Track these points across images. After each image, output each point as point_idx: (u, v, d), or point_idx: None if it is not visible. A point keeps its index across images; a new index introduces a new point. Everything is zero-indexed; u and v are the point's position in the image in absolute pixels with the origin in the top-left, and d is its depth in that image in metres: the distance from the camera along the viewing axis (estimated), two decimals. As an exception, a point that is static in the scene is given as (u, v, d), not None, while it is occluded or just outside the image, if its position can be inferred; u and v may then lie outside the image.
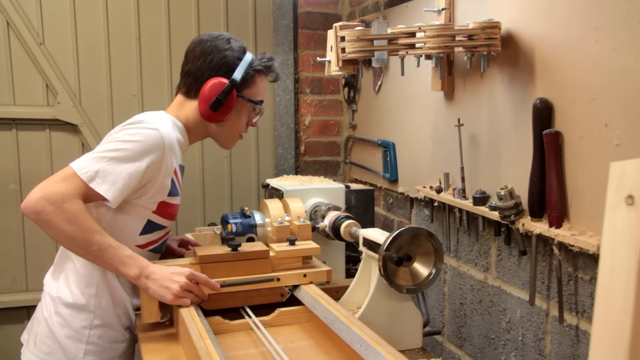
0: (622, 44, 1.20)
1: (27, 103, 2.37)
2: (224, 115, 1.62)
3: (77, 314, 1.52)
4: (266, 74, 1.69)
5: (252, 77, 1.64)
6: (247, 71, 1.62)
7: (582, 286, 1.37)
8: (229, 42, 1.63)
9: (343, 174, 2.87)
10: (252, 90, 1.66)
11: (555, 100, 1.40)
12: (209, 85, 1.58)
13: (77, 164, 1.40)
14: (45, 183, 1.37)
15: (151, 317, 1.51)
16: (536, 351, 1.54)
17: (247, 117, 1.69)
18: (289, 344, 1.45)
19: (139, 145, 1.45)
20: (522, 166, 1.50)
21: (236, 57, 1.62)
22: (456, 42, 1.51)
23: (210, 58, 1.61)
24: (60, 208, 1.34)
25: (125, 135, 1.46)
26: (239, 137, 1.74)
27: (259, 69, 1.65)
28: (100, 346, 1.54)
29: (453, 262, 1.92)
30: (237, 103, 1.63)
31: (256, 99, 1.67)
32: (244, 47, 1.66)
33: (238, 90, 1.61)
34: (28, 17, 2.33)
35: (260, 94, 1.69)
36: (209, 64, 1.61)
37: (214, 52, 1.61)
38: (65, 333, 1.51)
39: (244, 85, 1.63)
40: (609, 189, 0.67)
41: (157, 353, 1.42)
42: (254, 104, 1.67)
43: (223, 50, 1.61)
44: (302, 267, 1.64)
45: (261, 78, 1.68)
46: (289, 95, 2.77)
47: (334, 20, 2.24)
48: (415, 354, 1.51)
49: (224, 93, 1.58)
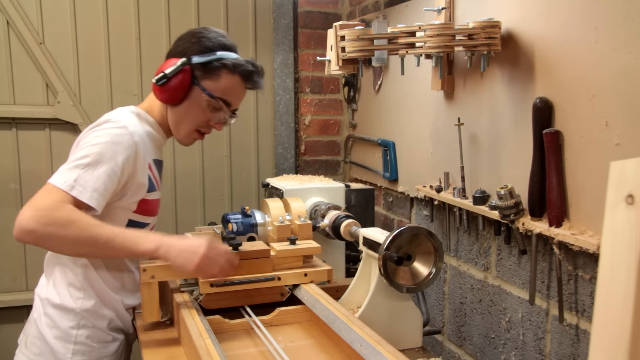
0: (622, 44, 1.20)
1: (27, 102, 2.37)
2: (173, 97, 1.53)
3: (65, 315, 1.51)
4: (239, 76, 1.57)
5: (217, 70, 1.54)
6: (212, 61, 1.53)
7: (582, 285, 1.37)
8: (210, 34, 1.57)
9: (343, 173, 2.87)
10: (213, 83, 1.54)
11: (555, 99, 1.40)
12: (165, 63, 1.54)
13: (55, 178, 1.38)
14: (29, 204, 1.34)
15: (151, 317, 1.51)
16: (536, 350, 1.55)
17: (205, 112, 1.57)
18: (289, 343, 1.45)
19: (110, 145, 1.42)
20: (522, 165, 1.50)
21: (207, 47, 1.54)
22: (456, 41, 1.51)
23: (182, 42, 1.57)
24: (52, 218, 1.31)
25: (94, 139, 1.43)
26: (196, 134, 1.62)
27: (227, 63, 1.54)
28: (89, 346, 1.53)
29: (453, 262, 1.92)
30: (194, 91, 1.54)
31: (216, 95, 1.55)
32: (228, 45, 1.58)
33: (194, 76, 1.53)
34: (28, 16, 2.33)
35: (223, 92, 1.56)
36: (178, 47, 1.57)
37: (188, 38, 1.57)
38: (54, 334, 1.51)
39: (205, 75, 1.54)
40: (609, 188, 0.67)
41: (157, 353, 1.42)
42: (210, 98, 1.55)
43: (199, 38, 1.55)
44: (303, 267, 1.64)
45: (230, 77, 1.55)
46: (289, 95, 2.77)
47: (334, 20, 2.24)
48: (415, 354, 1.52)
49: (172, 70, 1.51)
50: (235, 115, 1.65)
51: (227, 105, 1.59)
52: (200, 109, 1.57)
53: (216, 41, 1.56)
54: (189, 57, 1.53)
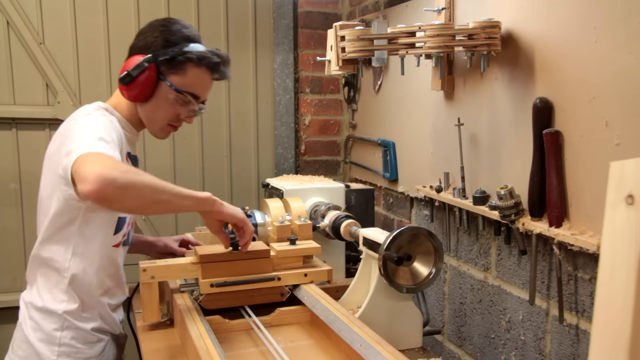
0: (622, 44, 1.20)
1: (27, 102, 2.37)
2: (140, 95, 1.52)
3: (48, 318, 1.50)
4: (206, 68, 1.54)
5: (183, 65, 1.51)
6: (177, 55, 1.50)
7: (582, 285, 1.37)
8: (173, 27, 1.54)
9: (343, 173, 2.87)
10: (180, 78, 1.52)
11: (555, 99, 1.40)
12: (128, 60, 1.52)
13: (85, 148, 1.26)
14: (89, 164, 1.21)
15: (151, 317, 1.51)
16: (536, 351, 1.54)
17: (174, 107, 1.55)
18: (289, 343, 1.45)
19: (105, 127, 1.40)
20: (522, 166, 1.50)
21: (170, 41, 1.52)
22: (456, 41, 1.51)
23: (144, 36, 1.54)
24: (123, 167, 1.24)
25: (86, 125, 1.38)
26: (168, 127, 1.60)
27: (191, 57, 1.51)
28: (74, 347, 1.51)
29: (453, 262, 1.92)
30: (161, 87, 1.52)
31: (183, 89, 1.53)
32: (192, 37, 1.55)
33: (160, 72, 1.51)
34: (28, 16, 2.33)
35: (191, 86, 1.54)
36: (140, 42, 1.54)
37: (150, 32, 1.54)
38: (38, 336, 1.49)
39: (171, 70, 1.51)
40: (609, 188, 0.67)
41: (157, 353, 1.42)
42: (178, 94, 1.53)
43: (162, 32, 1.52)
44: (303, 267, 1.64)
45: (196, 70, 1.53)
46: (288, 95, 2.77)
47: (334, 20, 2.23)
48: (415, 354, 1.52)
49: (136, 67, 1.48)
50: (204, 106, 1.62)
51: (196, 99, 1.57)
52: (169, 104, 1.55)
53: (179, 34, 1.53)
54: (153, 54, 1.50)
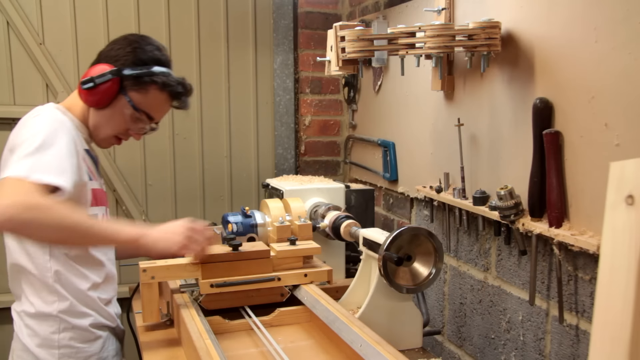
0: (622, 44, 1.20)
1: (27, 103, 2.37)
2: (97, 102, 1.52)
3: (43, 322, 1.49)
4: (168, 94, 1.57)
5: (147, 85, 1.54)
6: (143, 75, 1.53)
7: (582, 286, 1.37)
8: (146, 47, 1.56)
9: (343, 173, 2.87)
10: (141, 96, 1.54)
11: (555, 100, 1.40)
12: (95, 66, 1.53)
13: (10, 171, 1.30)
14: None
15: (151, 317, 1.52)
16: (536, 351, 1.54)
17: (126, 121, 1.57)
18: (289, 343, 1.45)
19: (53, 129, 1.40)
20: (522, 166, 1.50)
21: (141, 59, 1.54)
22: (456, 41, 1.51)
23: (117, 47, 1.55)
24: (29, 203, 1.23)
25: (33, 128, 1.39)
26: (114, 139, 1.61)
27: (157, 80, 1.54)
28: (73, 348, 1.51)
29: (453, 262, 1.92)
30: (119, 100, 1.54)
31: (140, 107, 1.55)
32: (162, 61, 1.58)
33: (122, 85, 1.52)
34: (28, 17, 2.33)
35: (149, 106, 1.56)
36: (111, 52, 1.55)
37: (123, 45, 1.55)
38: (36, 342, 1.49)
39: (134, 86, 1.53)
40: (609, 188, 0.67)
41: (157, 353, 1.42)
42: (134, 111, 1.55)
43: (135, 48, 1.54)
44: (303, 267, 1.64)
45: (158, 94, 1.56)
46: (289, 95, 2.77)
47: (334, 20, 2.23)
48: (415, 354, 1.52)
49: (100, 76, 1.49)
50: (156, 127, 1.64)
51: (150, 119, 1.59)
52: (122, 118, 1.56)
53: (151, 55, 1.56)
54: (120, 68, 1.52)
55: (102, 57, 1.57)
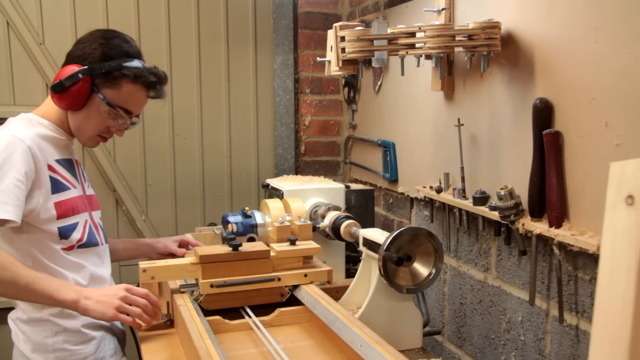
0: (622, 44, 1.20)
1: (27, 103, 2.36)
2: (71, 105, 1.52)
3: (36, 327, 1.50)
4: (141, 85, 1.56)
5: (119, 80, 1.52)
6: (113, 70, 1.51)
7: (582, 286, 1.37)
8: (113, 41, 1.55)
9: (343, 174, 2.87)
10: (114, 92, 1.53)
11: (555, 100, 1.40)
12: (64, 69, 1.52)
13: None
14: None
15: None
16: (536, 351, 1.54)
17: (104, 119, 1.56)
18: (289, 343, 1.45)
19: (5, 156, 1.39)
20: (522, 166, 1.50)
21: (108, 55, 1.52)
22: (456, 42, 1.51)
23: (83, 45, 1.54)
24: None
25: None
26: (97, 137, 1.60)
27: (127, 73, 1.52)
28: (68, 350, 1.52)
29: (453, 262, 1.92)
30: (94, 99, 1.52)
31: (116, 104, 1.54)
32: (131, 53, 1.56)
33: (94, 84, 1.51)
34: (28, 17, 2.33)
35: (124, 101, 1.55)
36: (78, 51, 1.54)
37: (89, 43, 1.54)
38: (30, 348, 1.50)
39: (106, 83, 1.52)
40: (609, 189, 0.67)
41: (157, 353, 1.42)
42: (110, 108, 1.54)
43: (101, 44, 1.53)
44: (303, 267, 1.64)
45: (131, 86, 1.54)
46: (289, 95, 2.77)
47: (334, 20, 2.24)
48: (415, 354, 1.52)
49: (70, 78, 1.48)
50: (137, 120, 1.63)
51: (128, 113, 1.58)
52: (100, 116, 1.55)
53: (119, 49, 1.54)
54: (89, 66, 1.51)
55: (70, 58, 1.56)
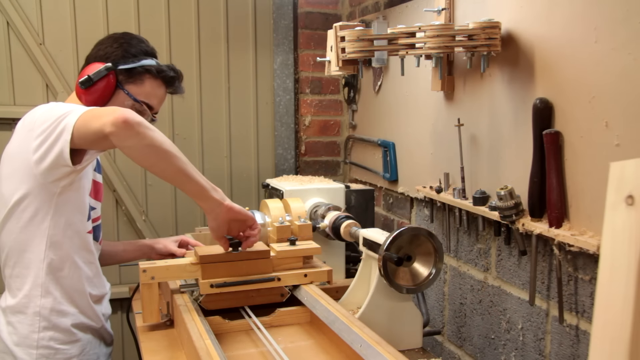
0: (622, 44, 1.20)
1: (27, 103, 2.37)
2: (97, 100, 1.56)
3: (24, 319, 1.47)
4: (162, 80, 1.64)
5: (141, 76, 1.60)
6: (135, 66, 1.59)
7: (582, 286, 1.37)
8: (132, 41, 1.63)
9: (343, 174, 2.87)
10: (137, 87, 1.60)
11: (555, 100, 1.40)
12: (88, 67, 1.58)
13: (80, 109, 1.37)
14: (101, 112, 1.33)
15: (151, 318, 1.52)
16: (536, 351, 1.54)
17: None
18: (289, 344, 1.45)
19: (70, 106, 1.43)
20: (522, 166, 1.50)
21: (130, 53, 1.60)
22: (456, 42, 1.51)
23: (104, 46, 1.61)
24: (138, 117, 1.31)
25: (58, 108, 1.42)
26: None
27: (149, 69, 1.61)
28: (53, 349, 1.48)
29: (453, 262, 1.92)
30: (118, 95, 1.59)
31: (140, 99, 1.60)
32: (149, 52, 1.65)
33: (118, 80, 1.58)
34: (28, 17, 2.33)
35: (147, 96, 1.62)
36: (99, 51, 1.61)
37: (110, 43, 1.61)
38: (14, 340, 1.47)
39: (129, 79, 1.59)
40: (609, 189, 0.67)
41: (157, 353, 1.42)
42: (134, 102, 1.59)
43: (122, 44, 1.61)
44: (303, 267, 1.64)
45: (153, 82, 1.63)
46: (288, 95, 2.77)
47: (334, 20, 2.23)
48: (415, 354, 1.52)
49: (97, 73, 1.54)
50: (155, 119, 1.68)
51: (150, 109, 1.64)
52: None
53: (138, 47, 1.63)
54: (113, 62, 1.57)
55: (92, 59, 1.62)
